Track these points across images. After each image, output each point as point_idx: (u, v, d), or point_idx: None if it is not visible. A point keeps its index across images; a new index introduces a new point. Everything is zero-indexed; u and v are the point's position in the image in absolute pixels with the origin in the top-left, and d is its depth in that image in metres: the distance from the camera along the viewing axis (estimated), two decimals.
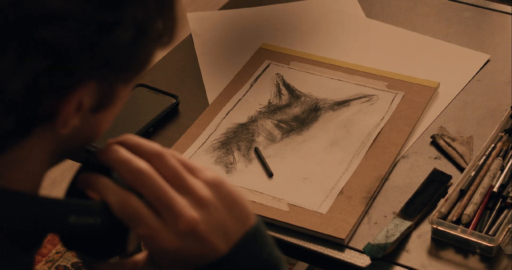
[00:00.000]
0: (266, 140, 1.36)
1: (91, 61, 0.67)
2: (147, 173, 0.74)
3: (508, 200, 1.19)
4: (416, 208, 1.22)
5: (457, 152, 1.31)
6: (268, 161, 1.32)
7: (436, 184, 1.25)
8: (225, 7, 1.69)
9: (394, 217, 1.20)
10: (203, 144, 1.35)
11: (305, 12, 1.66)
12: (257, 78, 1.48)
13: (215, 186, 0.76)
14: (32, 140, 0.71)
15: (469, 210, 1.18)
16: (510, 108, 1.34)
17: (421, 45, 1.56)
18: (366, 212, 1.23)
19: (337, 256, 1.17)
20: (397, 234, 1.17)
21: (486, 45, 1.55)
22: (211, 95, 1.46)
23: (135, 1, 0.68)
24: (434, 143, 1.34)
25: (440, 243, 1.18)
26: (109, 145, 0.76)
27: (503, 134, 1.30)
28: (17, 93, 0.65)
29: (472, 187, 1.22)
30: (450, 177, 1.26)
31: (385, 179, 1.28)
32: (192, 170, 0.77)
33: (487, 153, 1.27)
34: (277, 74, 1.49)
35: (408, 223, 1.19)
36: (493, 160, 1.26)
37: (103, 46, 0.67)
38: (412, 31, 1.59)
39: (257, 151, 1.29)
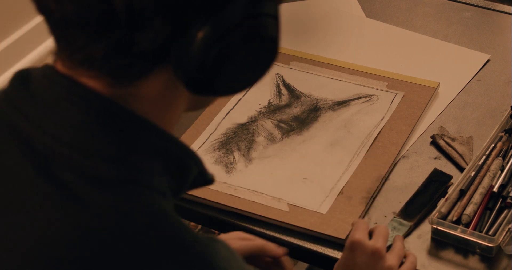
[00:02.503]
0: (266, 140, 1.36)
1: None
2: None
3: (508, 200, 1.19)
4: (416, 208, 1.22)
5: (457, 152, 1.31)
6: (268, 161, 1.32)
7: (436, 184, 1.25)
8: None
9: (394, 217, 1.20)
10: (203, 144, 1.35)
11: (305, 12, 1.66)
12: None
13: None
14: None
15: (469, 210, 1.18)
16: (510, 108, 1.34)
17: (421, 45, 1.56)
18: (366, 212, 1.23)
19: (337, 256, 1.17)
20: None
21: (486, 45, 1.55)
22: None
23: None
24: (434, 143, 1.34)
25: (440, 243, 1.18)
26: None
27: (503, 134, 1.30)
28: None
29: (472, 187, 1.22)
30: (450, 177, 1.26)
31: (385, 179, 1.28)
32: None
33: (487, 153, 1.27)
34: (277, 74, 1.49)
35: (408, 223, 1.19)
36: (493, 160, 1.26)
37: None
38: (412, 31, 1.59)
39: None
